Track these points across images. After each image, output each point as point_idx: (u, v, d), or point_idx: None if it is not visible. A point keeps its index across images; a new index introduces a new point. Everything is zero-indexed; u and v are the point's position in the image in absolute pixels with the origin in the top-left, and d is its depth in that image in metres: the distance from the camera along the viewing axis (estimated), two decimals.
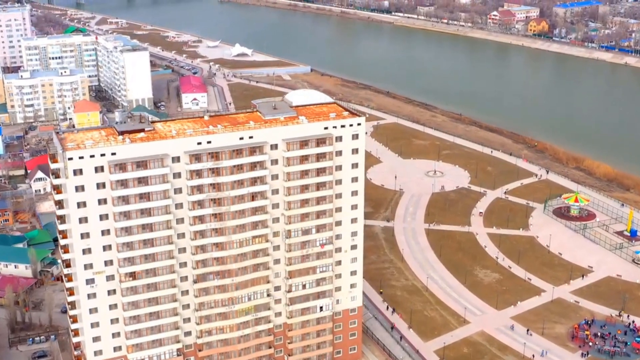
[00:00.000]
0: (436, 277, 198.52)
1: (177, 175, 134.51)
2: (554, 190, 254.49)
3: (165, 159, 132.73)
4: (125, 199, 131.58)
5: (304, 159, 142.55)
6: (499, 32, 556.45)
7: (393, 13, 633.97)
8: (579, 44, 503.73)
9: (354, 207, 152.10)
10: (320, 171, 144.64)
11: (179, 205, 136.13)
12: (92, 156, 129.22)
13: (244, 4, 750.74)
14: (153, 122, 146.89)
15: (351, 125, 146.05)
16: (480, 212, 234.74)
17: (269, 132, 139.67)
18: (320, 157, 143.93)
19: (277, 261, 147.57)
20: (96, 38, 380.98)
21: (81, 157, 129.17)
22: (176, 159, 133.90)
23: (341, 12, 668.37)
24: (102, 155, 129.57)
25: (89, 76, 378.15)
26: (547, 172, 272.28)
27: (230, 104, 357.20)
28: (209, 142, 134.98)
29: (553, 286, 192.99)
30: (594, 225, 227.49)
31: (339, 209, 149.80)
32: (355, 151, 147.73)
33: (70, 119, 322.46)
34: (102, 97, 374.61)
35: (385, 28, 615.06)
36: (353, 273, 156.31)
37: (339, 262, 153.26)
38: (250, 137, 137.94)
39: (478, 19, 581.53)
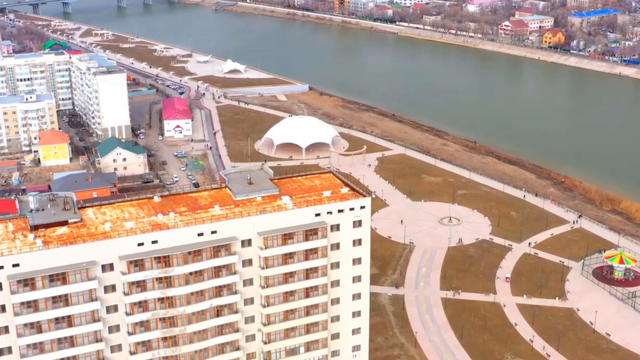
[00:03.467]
0: None
1: (110, 288, 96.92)
2: (591, 243, 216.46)
3: (93, 268, 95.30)
4: (35, 327, 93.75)
5: (287, 257, 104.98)
6: (512, 43, 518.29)
7: (397, 23, 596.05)
8: (599, 58, 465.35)
9: (356, 314, 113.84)
10: (310, 272, 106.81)
11: (113, 329, 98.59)
12: None
13: (240, 12, 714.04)
14: (82, 207, 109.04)
15: (352, 209, 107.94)
16: (507, 278, 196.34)
17: (239, 224, 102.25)
18: (310, 254, 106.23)
19: None
20: (69, 55, 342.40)
21: None
22: (109, 267, 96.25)
23: (342, 22, 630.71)
24: (0, 268, 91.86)
25: (62, 99, 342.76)
26: (580, 217, 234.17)
27: (217, 132, 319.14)
28: (154, 242, 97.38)
29: None
30: None
31: (335, 318, 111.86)
32: (357, 242, 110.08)
33: (36, 151, 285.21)
34: (77, 122, 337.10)
35: (389, 39, 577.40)
36: None
37: None
38: (214, 232, 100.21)
39: (488, 29, 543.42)
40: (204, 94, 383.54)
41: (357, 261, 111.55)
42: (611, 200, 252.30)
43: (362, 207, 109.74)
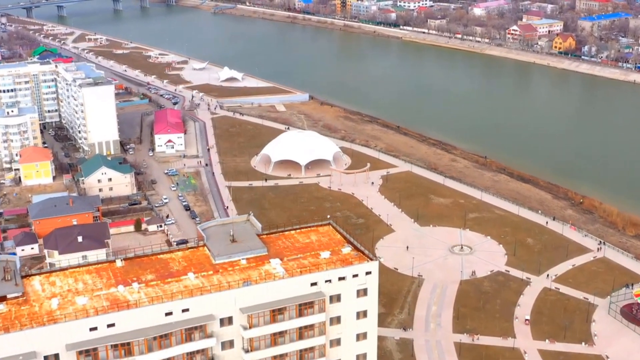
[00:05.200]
0: None
1: None
2: (617, 275, 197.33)
3: None
4: None
5: (277, 337, 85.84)
6: (520, 49, 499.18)
7: (401, 27, 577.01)
8: (612, 64, 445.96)
9: None
10: (303, 354, 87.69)
11: None
12: None
13: (239, 15, 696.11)
14: (27, 276, 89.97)
15: (356, 275, 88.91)
16: (527, 320, 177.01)
17: (217, 299, 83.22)
18: (305, 331, 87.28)
19: None
20: (55, 64, 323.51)
21: None
22: (53, 359, 77.21)
23: (344, 26, 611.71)
24: None
25: (48, 111, 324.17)
26: (602, 244, 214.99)
27: (212, 147, 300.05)
28: (111, 326, 78.34)
29: None
30: None
31: None
32: (362, 315, 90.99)
33: (17, 169, 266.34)
34: (63, 136, 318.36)
35: (392, 43, 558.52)
36: None
37: None
38: (186, 311, 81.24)
39: (495, 34, 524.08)
40: (198, 104, 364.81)
41: (361, 336, 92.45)
42: (635, 224, 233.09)
43: (368, 273, 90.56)
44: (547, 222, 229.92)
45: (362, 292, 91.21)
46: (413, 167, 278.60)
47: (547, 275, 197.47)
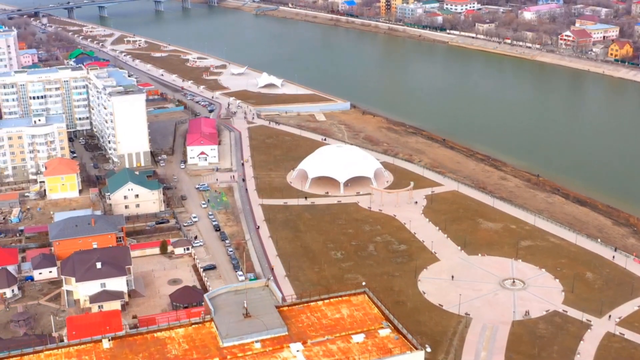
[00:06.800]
0: None
1: None
2: None
3: None
4: None
5: None
6: (573, 55, 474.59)
7: (448, 31, 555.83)
8: None
9: None
10: None
11: None
12: None
13: (281, 17, 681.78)
14: (10, 356, 74.56)
15: None
16: None
17: None
18: None
19: None
20: (87, 69, 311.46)
21: None
22: None
23: (388, 29, 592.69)
24: None
25: (79, 118, 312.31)
26: None
27: (246, 161, 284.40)
28: None
29: None
30: None
31: None
32: None
33: (42, 182, 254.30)
34: (94, 145, 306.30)
35: (438, 48, 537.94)
36: None
37: None
38: None
39: (547, 39, 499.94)
40: (235, 112, 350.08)
41: None
42: None
43: None
44: (613, 257, 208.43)
45: None
46: (460, 186, 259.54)
47: (610, 316, 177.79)
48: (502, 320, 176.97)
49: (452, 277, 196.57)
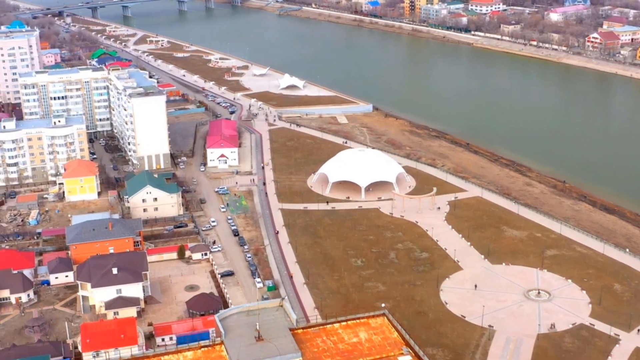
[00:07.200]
0: None
1: None
2: None
3: None
4: None
5: None
6: (600, 58, 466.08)
7: (472, 32, 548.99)
8: None
9: None
10: None
11: None
12: None
13: (304, 17, 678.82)
14: None
15: None
16: None
17: None
18: None
19: None
20: (108, 70, 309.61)
21: None
22: None
23: (412, 30, 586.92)
24: None
25: (100, 119, 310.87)
26: None
27: (266, 164, 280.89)
28: None
29: None
30: None
31: None
32: None
33: (61, 184, 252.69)
34: (114, 146, 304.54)
35: (462, 50, 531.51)
36: None
37: None
38: None
39: (574, 41, 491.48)
40: (256, 114, 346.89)
41: None
42: None
43: None
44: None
45: None
46: (484, 192, 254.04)
47: (639, 331, 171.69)
48: (527, 333, 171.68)
49: (475, 286, 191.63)
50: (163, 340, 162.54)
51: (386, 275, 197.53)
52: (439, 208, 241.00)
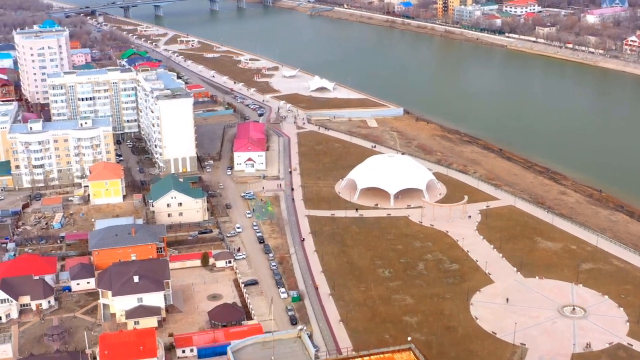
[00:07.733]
0: None
1: None
2: None
3: None
4: None
5: None
6: (638, 62, 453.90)
7: (506, 34, 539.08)
8: None
9: None
10: None
11: None
12: None
13: (336, 18, 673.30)
14: None
15: None
16: None
17: None
18: None
19: None
20: (136, 71, 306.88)
21: None
22: None
23: (445, 32, 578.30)
24: None
25: (127, 121, 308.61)
26: None
27: (294, 169, 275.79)
28: None
29: None
30: None
31: None
32: None
33: (86, 186, 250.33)
34: (141, 148, 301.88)
35: (496, 52, 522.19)
36: None
37: None
38: None
39: (611, 44, 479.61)
40: (285, 116, 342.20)
41: None
42: None
43: None
44: None
45: None
46: (517, 201, 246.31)
47: None
48: (561, 352, 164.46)
49: (507, 299, 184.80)
50: (184, 352, 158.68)
51: (414, 288, 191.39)
52: (470, 217, 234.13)
